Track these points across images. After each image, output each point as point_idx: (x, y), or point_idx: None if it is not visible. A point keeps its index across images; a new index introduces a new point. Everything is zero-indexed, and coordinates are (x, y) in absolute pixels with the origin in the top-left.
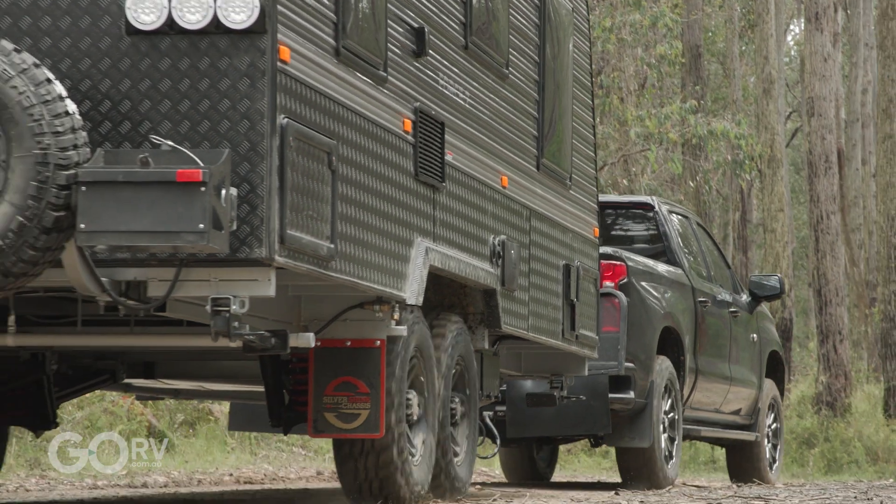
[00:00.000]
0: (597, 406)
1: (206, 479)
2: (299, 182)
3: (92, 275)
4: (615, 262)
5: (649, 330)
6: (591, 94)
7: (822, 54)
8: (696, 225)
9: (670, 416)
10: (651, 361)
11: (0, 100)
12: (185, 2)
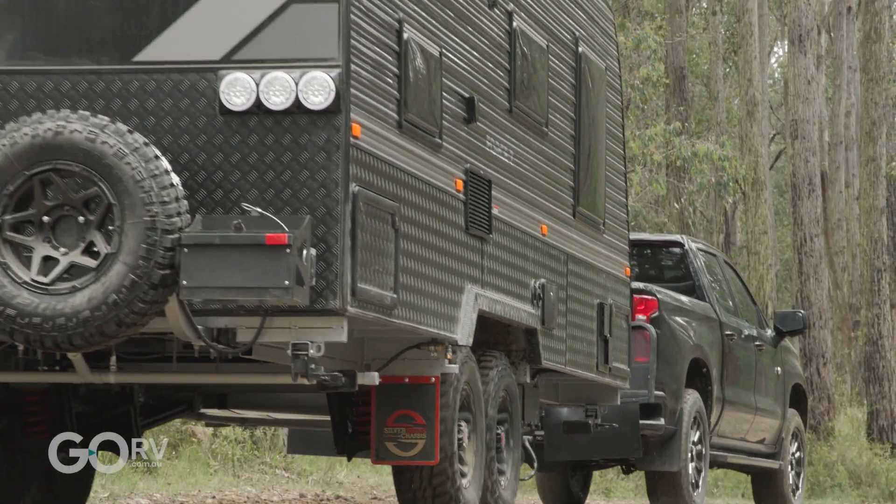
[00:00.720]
0: (628, 432)
1: (189, 502)
2: (368, 241)
3: (190, 323)
4: (647, 297)
5: (679, 361)
6: (622, 145)
7: (805, 77)
8: (723, 262)
9: (698, 446)
10: (680, 390)
11: (116, 174)
12: (271, 86)
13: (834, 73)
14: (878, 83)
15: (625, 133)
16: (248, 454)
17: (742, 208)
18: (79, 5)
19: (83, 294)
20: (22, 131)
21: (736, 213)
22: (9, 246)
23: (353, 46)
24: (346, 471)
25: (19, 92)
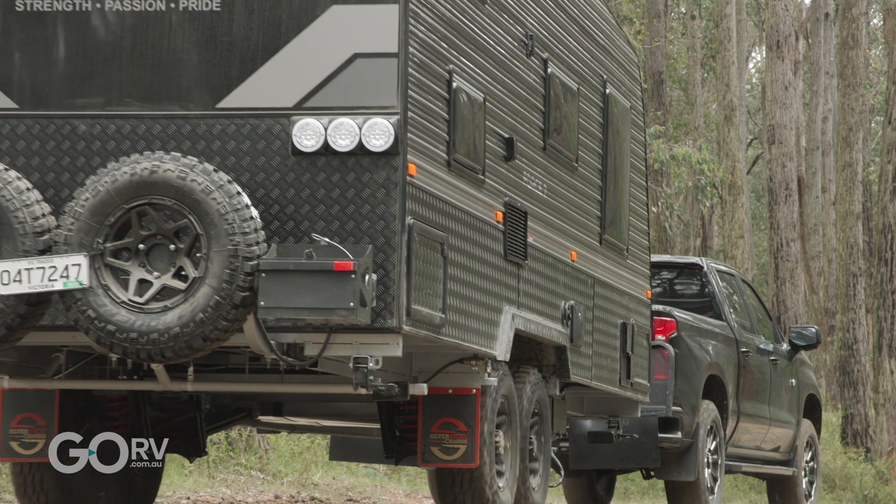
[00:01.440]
0: (647, 443)
1: (164, 503)
2: (420, 267)
3: (265, 339)
4: (666, 319)
5: (696, 377)
6: (644, 177)
7: (782, 82)
8: (740, 281)
9: (714, 455)
10: (697, 405)
11: (203, 208)
12: (338, 130)
13: (811, 78)
14: (854, 89)
15: (647, 165)
16: (223, 455)
17: (719, 212)
18: (169, 57)
19: (174, 313)
20: (122, 170)
21: (713, 217)
22: (109, 270)
23: (409, 96)
24: (321, 472)
25: (116, 134)
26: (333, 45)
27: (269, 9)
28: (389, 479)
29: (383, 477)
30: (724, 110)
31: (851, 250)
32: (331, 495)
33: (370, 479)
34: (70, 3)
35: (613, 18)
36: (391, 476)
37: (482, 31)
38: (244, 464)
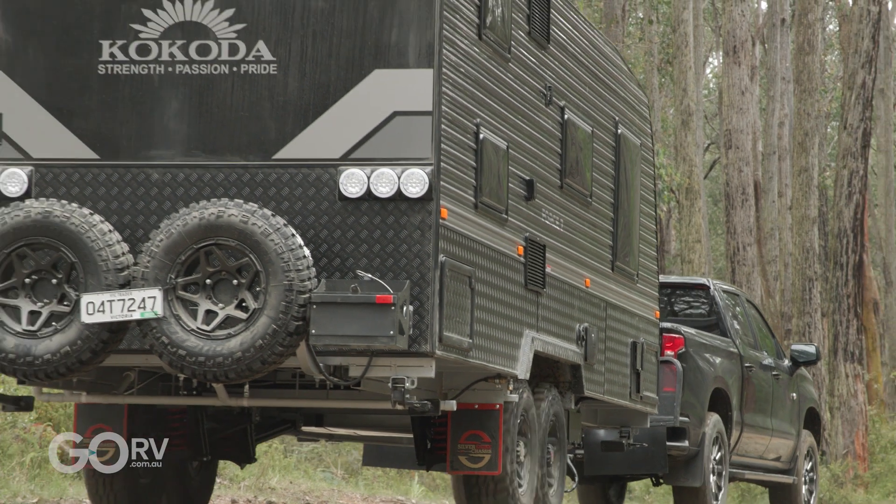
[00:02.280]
0: (656, 451)
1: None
2: (451, 299)
3: (315, 362)
4: (675, 336)
5: (702, 391)
6: (654, 207)
7: (739, 87)
8: (744, 301)
9: (718, 463)
10: (703, 416)
11: (262, 248)
12: (379, 179)
13: (768, 83)
14: (810, 94)
15: (657, 197)
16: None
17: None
18: (231, 114)
19: (236, 339)
20: (192, 215)
21: (670, 221)
22: (180, 302)
23: (442, 148)
24: (278, 476)
25: (185, 181)
26: (375, 104)
27: (319, 72)
28: (347, 483)
29: (340, 481)
30: (681, 115)
31: (807, 254)
32: (288, 499)
33: (327, 483)
34: (145, 67)
35: (624, 64)
36: (349, 480)
37: (506, 87)
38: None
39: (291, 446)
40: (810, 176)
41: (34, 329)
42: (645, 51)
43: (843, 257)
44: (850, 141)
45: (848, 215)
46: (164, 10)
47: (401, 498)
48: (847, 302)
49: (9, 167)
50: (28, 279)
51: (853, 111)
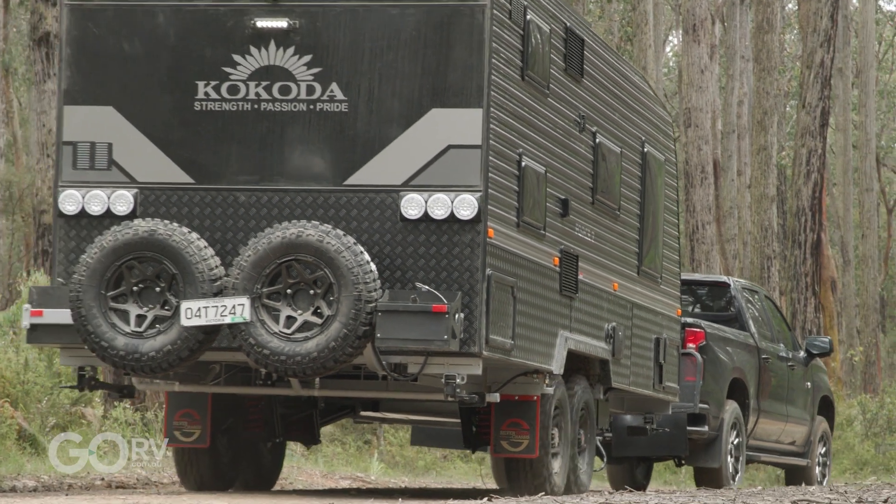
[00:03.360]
0: (677, 435)
1: (77, 483)
2: (496, 307)
3: (379, 361)
4: (696, 330)
5: (721, 380)
6: (676, 216)
7: (699, 66)
8: (763, 296)
9: (736, 447)
10: (722, 403)
11: (335, 263)
12: (435, 203)
13: (727, 62)
14: (769, 73)
15: (679, 206)
16: (138, 436)
17: None
18: (308, 145)
19: (313, 342)
20: (276, 234)
21: None
22: (265, 308)
23: (489, 177)
24: None
25: (268, 203)
26: (432, 138)
27: (384, 110)
28: (306, 459)
29: (300, 458)
30: None
31: (766, 233)
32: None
33: (287, 459)
34: (235, 104)
35: (650, 89)
36: (308, 457)
37: (545, 119)
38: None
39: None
40: (769, 154)
41: (141, 330)
42: (605, 29)
43: (801, 236)
44: (809, 120)
45: (806, 194)
46: (251, 56)
47: (360, 475)
48: (805, 280)
49: (118, 190)
50: (135, 287)
51: (812, 90)
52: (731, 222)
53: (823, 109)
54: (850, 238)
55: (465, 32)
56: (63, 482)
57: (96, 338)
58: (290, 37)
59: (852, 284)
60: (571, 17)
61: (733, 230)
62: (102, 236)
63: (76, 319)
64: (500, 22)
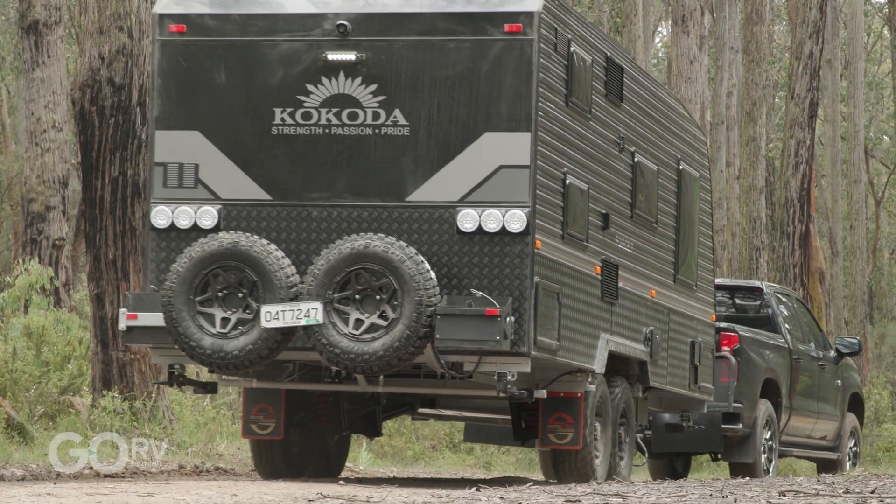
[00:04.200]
0: (713, 432)
1: (65, 472)
2: (543, 311)
3: (438, 360)
4: (730, 334)
5: (754, 381)
6: (711, 228)
7: (688, 57)
8: (794, 300)
9: (769, 442)
10: (755, 402)
11: (399, 272)
12: (488, 217)
13: (716, 53)
14: (758, 64)
15: (713, 218)
16: (127, 425)
17: None
18: (374, 165)
19: (379, 342)
20: (345, 245)
21: None
22: (336, 312)
23: (537, 194)
24: (226, 443)
25: (338, 218)
26: (485, 159)
27: (442, 134)
28: None
29: None
30: None
31: (754, 224)
32: (235, 465)
33: None
34: (308, 129)
35: (686, 111)
36: None
37: (587, 141)
38: (148, 433)
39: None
40: (758, 146)
41: (225, 332)
42: (594, 19)
43: (789, 227)
44: (798, 111)
45: (795, 185)
46: (322, 85)
47: (349, 465)
48: (793, 271)
49: (203, 206)
50: (220, 293)
51: (800, 81)
52: (719, 213)
53: (812, 101)
54: (838, 229)
55: (515, 64)
56: (51, 471)
57: (186, 338)
58: (357, 68)
59: (840, 276)
60: (612, 48)
61: (722, 221)
62: (191, 248)
63: (168, 322)
64: (547, 54)
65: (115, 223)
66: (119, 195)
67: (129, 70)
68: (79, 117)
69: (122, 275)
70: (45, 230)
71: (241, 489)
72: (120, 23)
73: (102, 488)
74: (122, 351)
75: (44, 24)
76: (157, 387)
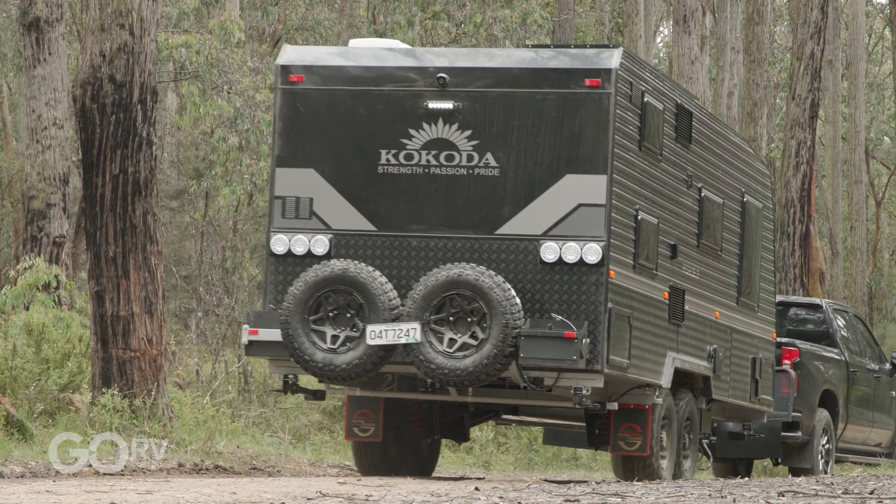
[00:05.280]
0: (772, 440)
1: (64, 470)
2: (615, 333)
3: (521, 375)
4: (791, 348)
5: (813, 392)
6: (772, 253)
7: (689, 57)
8: (852, 316)
9: (826, 449)
10: (814, 412)
11: (489, 297)
12: (568, 250)
13: (718, 53)
14: (759, 65)
15: (775, 246)
16: (126, 423)
17: None
18: (467, 202)
19: (470, 359)
20: (441, 273)
21: None
22: (432, 332)
23: (611, 229)
24: (225, 441)
25: (434, 248)
26: (566, 198)
27: (528, 175)
28: (294, 448)
29: (288, 446)
30: None
31: None
32: (235, 463)
33: (274, 447)
34: (410, 168)
35: (750, 147)
36: (296, 445)
37: (658, 180)
38: (147, 431)
39: (239, 411)
40: (759, 146)
41: (335, 347)
42: (596, 19)
43: (790, 227)
44: (799, 112)
45: (795, 185)
46: (423, 130)
47: (347, 463)
48: (794, 272)
49: (317, 235)
50: (331, 313)
51: (801, 82)
52: None
53: (813, 101)
54: (838, 230)
55: (594, 114)
56: (51, 468)
57: (300, 353)
58: (454, 115)
59: (840, 276)
60: (681, 95)
61: None
62: (305, 272)
63: (285, 338)
64: (623, 105)
65: (115, 220)
66: (120, 192)
67: (130, 67)
68: (80, 114)
69: (122, 272)
70: (45, 227)
71: (239, 487)
72: (121, 20)
73: (102, 486)
74: (121, 349)
75: (45, 21)
76: (157, 384)
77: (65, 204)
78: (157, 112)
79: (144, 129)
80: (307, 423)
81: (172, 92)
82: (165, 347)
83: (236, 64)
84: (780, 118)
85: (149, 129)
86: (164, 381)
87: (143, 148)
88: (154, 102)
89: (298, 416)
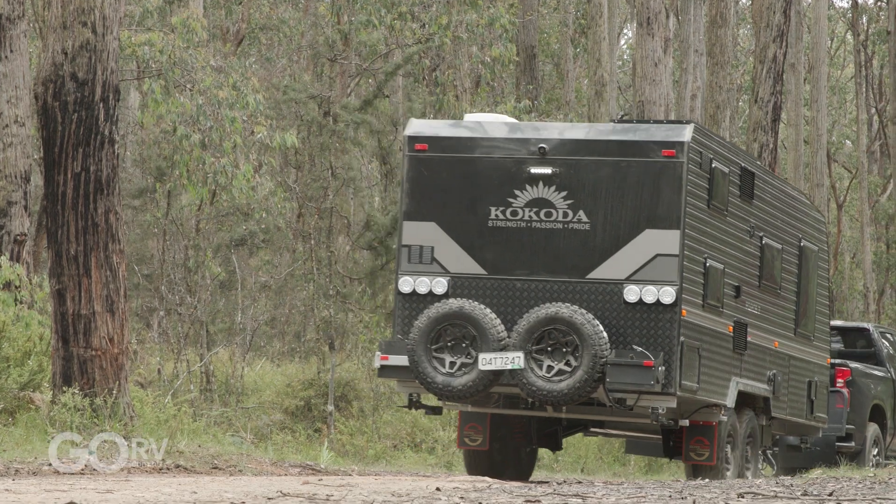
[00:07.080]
0: (827, 452)
1: (25, 469)
2: (687, 362)
3: (607, 396)
4: (844, 368)
5: (863, 407)
6: (828, 291)
7: (652, 59)
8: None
9: (876, 458)
10: (865, 425)
11: (581, 331)
12: (647, 292)
13: (681, 56)
14: (722, 67)
15: (830, 279)
16: (87, 422)
17: None
18: (563, 251)
19: (565, 383)
20: (541, 311)
21: None
22: (533, 360)
23: (683, 276)
24: (186, 440)
25: (535, 289)
26: (646, 249)
27: (614, 229)
28: (256, 447)
29: (249, 446)
30: (594, 86)
31: None
32: (196, 463)
33: (236, 447)
34: (515, 223)
35: (807, 198)
36: (258, 445)
37: (723, 232)
38: (108, 430)
39: (201, 410)
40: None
41: (453, 372)
42: (560, 21)
43: None
44: (761, 114)
45: None
46: (526, 191)
47: (310, 463)
48: None
49: (437, 277)
50: (449, 343)
51: (764, 85)
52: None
53: (775, 104)
54: None
55: (669, 179)
56: (10, 467)
57: (424, 376)
58: (552, 179)
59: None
60: (745, 159)
61: None
62: (428, 309)
63: (411, 363)
64: (693, 171)
65: (77, 219)
66: (81, 191)
67: (92, 65)
68: (41, 112)
69: (83, 270)
70: (6, 225)
71: (201, 486)
72: (83, 18)
73: (61, 485)
74: (82, 347)
75: (6, 19)
76: (118, 383)
77: (26, 202)
78: (119, 110)
79: (107, 127)
80: (269, 423)
81: (135, 90)
82: (127, 346)
83: (199, 63)
84: (742, 121)
85: (111, 127)
86: (125, 380)
87: (106, 146)
88: (116, 101)
89: (261, 416)
